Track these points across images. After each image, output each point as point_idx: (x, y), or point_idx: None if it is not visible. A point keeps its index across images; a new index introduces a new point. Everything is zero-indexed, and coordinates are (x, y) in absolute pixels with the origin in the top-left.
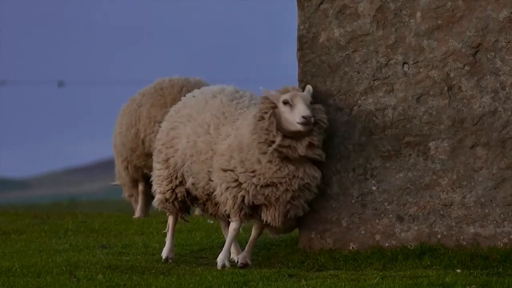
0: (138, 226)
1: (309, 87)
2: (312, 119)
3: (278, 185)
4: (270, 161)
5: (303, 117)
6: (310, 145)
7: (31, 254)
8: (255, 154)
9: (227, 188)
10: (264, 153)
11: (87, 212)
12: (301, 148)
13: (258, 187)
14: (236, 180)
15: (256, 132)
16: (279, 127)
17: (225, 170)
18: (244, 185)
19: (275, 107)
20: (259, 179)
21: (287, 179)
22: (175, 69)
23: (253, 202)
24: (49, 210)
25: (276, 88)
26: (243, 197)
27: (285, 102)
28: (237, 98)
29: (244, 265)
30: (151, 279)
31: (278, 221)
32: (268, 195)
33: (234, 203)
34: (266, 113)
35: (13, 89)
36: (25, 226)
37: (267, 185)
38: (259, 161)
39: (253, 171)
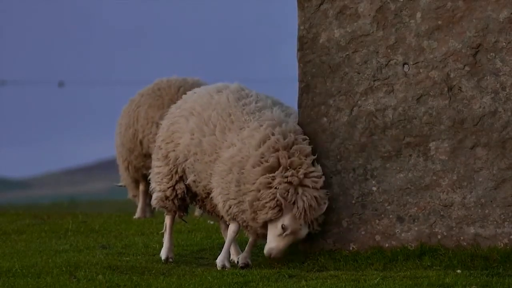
0: (138, 227)
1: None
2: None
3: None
4: (254, 219)
5: (269, 253)
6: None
7: (31, 255)
8: (252, 187)
9: (220, 193)
10: (256, 212)
11: (87, 212)
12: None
13: (241, 213)
14: (229, 191)
15: (259, 190)
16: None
17: (222, 178)
18: (231, 201)
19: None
20: (243, 212)
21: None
22: (176, 69)
23: None
24: (49, 210)
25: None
26: (230, 207)
27: (283, 228)
28: (243, 97)
29: (245, 266)
30: (151, 280)
31: (256, 237)
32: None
33: (224, 207)
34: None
35: (13, 89)
36: (25, 226)
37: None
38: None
39: (243, 200)
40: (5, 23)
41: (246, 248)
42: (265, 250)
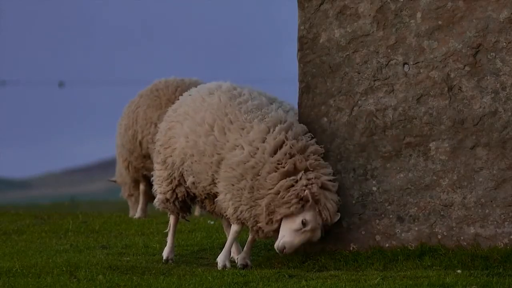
0: (138, 227)
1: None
2: (281, 254)
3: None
4: (269, 222)
5: (282, 247)
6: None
7: (31, 255)
8: (268, 191)
9: (230, 199)
10: (272, 212)
11: (87, 212)
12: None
13: (252, 217)
14: (241, 198)
15: (278, 192)
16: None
17: (233, 184)
18: (244, 206)
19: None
20: (257, 215)
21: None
22: (176, 69)
23: None
24: (50, 210)
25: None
26: (241, 212)
27: (303, 223)
28: (236, 97)
29: (244, 266)
30: (151, 280)
31: (265, 238)
32: (257, 222)
33: (234, 213)
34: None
35: (13, 89)
36: (25, 227)
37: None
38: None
39: (255, 205)
40: (5, 23)
41: (245, 248)
42: (278, 244)
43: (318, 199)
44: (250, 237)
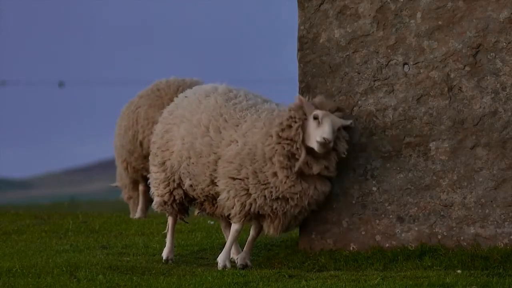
0: (138, 227)
1: (348, 122)
2: (331, 144)
3: (289, 200)
4: (287, 176)
5: (323, 138)
6: (326, 168)
7: (31, 255)
8: (272, 167)
9: (235, 195)
10: (283, 167)
11: (87, 212)
12: (316, 168)
13: (268, 200)
14: (246, 189)
15: (279, 143)
16: (302, 140)
17: (234, 179)
18: (253, 195)
19: (305, 119)
20: (271, 192)
21: (299, 196)
22: (176, 69)
23: (258, 211)
24: (50, 211)
25: (300, 98)
26: (251, 205)
27: (315, 118)
28: (232, 98)
29: (244, 266)
30: (151, 280)
31: (279, 232)
32: (276, 208)
33: (241, 210)
34: (295, 122)
35: (13, 89)
36: (25, 227)
37: (277, 198)
38: (274, 174)
39: (265, 183)
40: (5, 23)
41: (245, 248)
42: (319, 141)
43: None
44: (250, 237)
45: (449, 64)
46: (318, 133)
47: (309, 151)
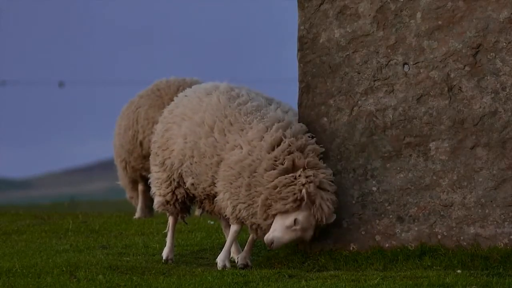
0: (138, 227)
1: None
2: (269, 247)
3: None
4: (264, 218)
5: (267, 241)
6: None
7: (31, 255)
8: (264, 189)
9: (229, 198)
10: (268, 206)
11: (87, 212)
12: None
13: (250, 216)
14: (239, 195)
15: (276, 187)
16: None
17: (230, 183)
18: (239, 206)
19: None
20: (253, 214)
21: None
22: (176, 69)
23: None
24: (50, 211)
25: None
26: (240, 211)
27: (295, 221)
28: (235, 98)
29: (244, 266)
30: (151, 280)
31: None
32: (258, 223)
33: (233, 212)
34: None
35: (13, 89)
36: (25, 227)
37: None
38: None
39: (253, 201)
40: (5, 23)
41: (245, 247)
42: (267, 238)
43: (313, 199)
44: (250, 237)
45: (449, 64)
46: (278, 231)
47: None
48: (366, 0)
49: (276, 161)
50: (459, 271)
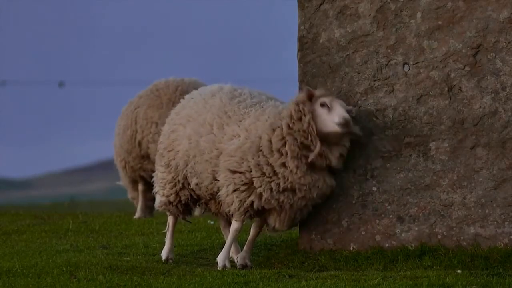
0: (138, 227)
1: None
2: (351, 122)
3: (297, 192)
4: (297, 166)
5: (343, 117)
6: (341, 156)
7: (31, 255)
8: (281, 158)
9: (234, 190)
10: (295, 157)
11: (87, 212)
12: (333, 159)
13: (275, 192)
14: (247, 184)
15: (290, 134)
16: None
17: (234, 172)
18: (258, 189)
19: (313, 110)
20: (278, 184)
21: (308, 187)
22: (176, 70)
23: (262, 206)
24: (50, 211)
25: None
26: (252, 202)
27: (323, 105)
28: (236, 96)
29: (244, 266)
30: (151, 280)
31: (285, 226)
32: (283, 200)
33: (240, 206)
34: (305, 115)
35: (13, 89)
36: (25, 227)
37: (284, 190)
38: (283, 165)
39: (271, 175)
40: (5, 23)
41: (245, 247)
42: (340, 118)
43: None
44: (250, 236)
45: (449, 64)
46: (332, 117)
47: (323, 139)
48: (366, 0)
49: (272, 127)
50: (459, 271)
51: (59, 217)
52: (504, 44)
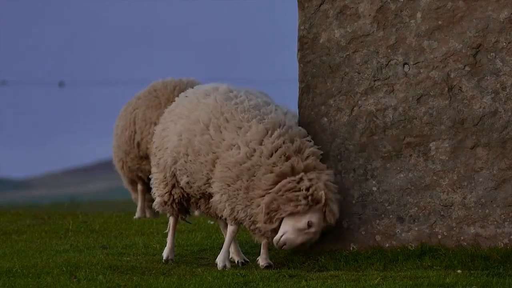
0: (138, 227)
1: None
2: (279, 248)
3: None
4: (265, 223)
5: (278, 243)
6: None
7: (31, 255)
8: (264, 192)
9: (227, 200)
10: (275, 210)
11: (87, 212)
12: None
13: (248, 217)
14: (237, 198)
15: (279, 191)
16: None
17: (228, 185)
18: (238, 207)
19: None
20: (251, 215)
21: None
22: (176, 70)
23: None
24: (50, 211)
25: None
26: (238, 212)
27: (309, 225)
28: (233, 98)
29: (269, 266)
30: (151, 280)
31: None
32: (255, 228)
33: (231, 214)
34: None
35: (13, 89)
36: (25, 227)
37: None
38: (259, 205)
39: (251, 203)
40: (5, 23)
41: (262, 249)
42: (280, 239)
43: (327, 202)
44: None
45: (449, 64)
46: (291, 233)
47: None
48: (366, 0)
49: (274, 166)
50: (459, 271)
51: (59, 217)
52: (504, 44)
